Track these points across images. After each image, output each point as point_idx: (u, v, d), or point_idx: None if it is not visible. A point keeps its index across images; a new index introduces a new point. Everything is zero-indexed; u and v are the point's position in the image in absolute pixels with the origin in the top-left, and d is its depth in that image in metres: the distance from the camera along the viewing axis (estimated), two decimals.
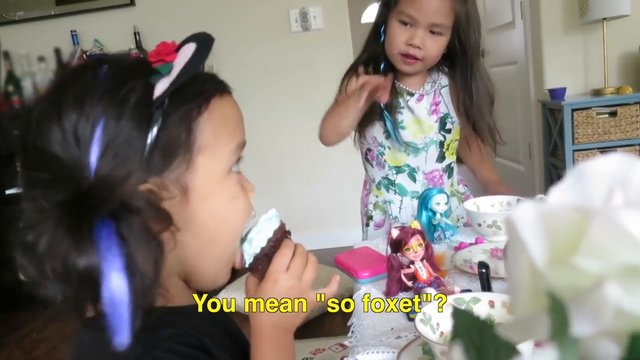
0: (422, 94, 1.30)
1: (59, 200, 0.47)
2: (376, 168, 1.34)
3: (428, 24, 1.16)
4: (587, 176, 0.22)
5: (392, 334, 0.79)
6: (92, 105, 0.48)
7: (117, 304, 0.44)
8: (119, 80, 0.50)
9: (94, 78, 0.50)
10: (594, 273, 0.18)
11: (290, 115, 2.92)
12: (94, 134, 0.47)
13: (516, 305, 0.21)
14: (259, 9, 2.89)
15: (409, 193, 1.32)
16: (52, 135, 0.48)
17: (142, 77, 0.51)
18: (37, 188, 0.49)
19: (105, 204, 0.46)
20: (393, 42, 1.20)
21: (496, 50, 3.53)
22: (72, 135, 0.48)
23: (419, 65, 1.22)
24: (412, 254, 0.92)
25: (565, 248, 0.21)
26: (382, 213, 1.36)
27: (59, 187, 0.47)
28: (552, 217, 0.22)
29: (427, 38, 1.17)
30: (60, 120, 0.48)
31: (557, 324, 0.17)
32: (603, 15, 2.46)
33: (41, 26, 3.00)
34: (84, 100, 0.48)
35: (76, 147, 0.48)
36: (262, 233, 0.60)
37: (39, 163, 0.49)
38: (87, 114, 0.48)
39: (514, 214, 0.21)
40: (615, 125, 2.52)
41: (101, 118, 0.48)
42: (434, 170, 1.32)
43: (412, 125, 1.28)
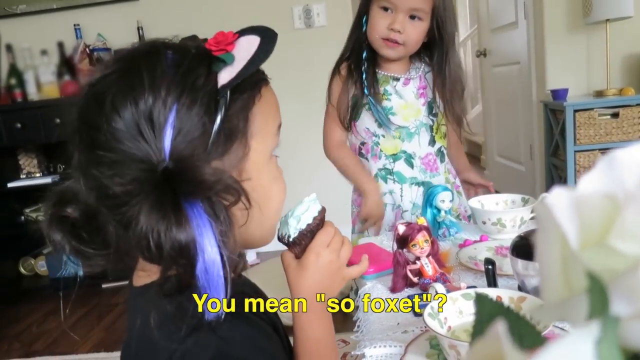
0: (408, 78, 1.33)
1: (140, 180, 0.49)
2: (372, 160, 1.35)
3: (407, 8, 1.20)
4: (619, 164, 0.23)
5: (398, 329, 0.80)
6: (168, 90, 0.50)
7: (211, 275, 0.48)
8: (188, 66, 0.52)
9: (164, 63, 0.52)
10: (632, 255, 0.18)
11: (293, 111, 2.92)
12: (168, 119, 0.49)
13: (547, 289, 0.22)
14: (262, 5, 2.89)
15: (408, 179, 1.33)
16: (125, 117, 0.50)
17: (206, 64, 0.53)
18: (104, 168, 0.50)
19: (185, 183, 0.49)
20: (375, 27, 1.24)
21: (499, 50, 3.53)
22: (147, 118, 0.49)
23: (400, 49, 1.25)
24: (418, 250, 0.92)
25: (597, 233, 0.22)
26: None
27: (132, 167, 0.49)
28: (583, 204, 0.22)
29: (407, 23, 1.21)
30: (137, 103, 0.50)
31: (596, 303, 0.17)
32: (606, 16, 2.46)
33: (44, 19, 3.00)
34: (160, 85, 0.50)
35: (151, 130, 0.49)
36: (309, 212, 0.65)
37: (111, 143, 0.50)
38: (163, 99, 0.50)
39: (548, 200, 0.21)
40: (617, 126, 2.52)
41: (175, 103, 0.50)
42: (428, 154, 1.34)
43: (402, 110, 1.31)
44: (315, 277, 0.65)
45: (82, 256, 0.56)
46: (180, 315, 0.49)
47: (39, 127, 2.72)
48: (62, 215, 0.55)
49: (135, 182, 0.49)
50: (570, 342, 0.16)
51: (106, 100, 0.50)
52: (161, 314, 0.51)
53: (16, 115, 2.73)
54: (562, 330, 0.67)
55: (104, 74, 0.53)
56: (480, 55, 3.82)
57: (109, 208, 0.52)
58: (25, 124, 2.72)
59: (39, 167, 3.01)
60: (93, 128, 0.51)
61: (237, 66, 0.53)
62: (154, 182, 0.49)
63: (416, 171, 1.33)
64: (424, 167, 1.33)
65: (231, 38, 0.55)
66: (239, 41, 0.55)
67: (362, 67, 1.28)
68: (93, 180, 0.52)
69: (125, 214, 0.50)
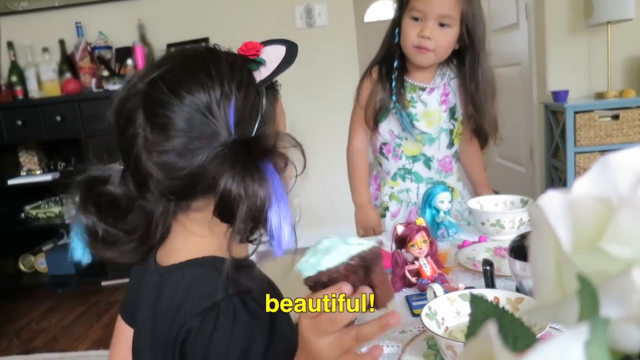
0: (432, 87, 1.38)
1: (217, 154, 0.58)
2: (392, 160, 1.42)
3: (436, 15, 1.25)
4: (613, 168, 0.23)
5: (396, 329, 0.80)
6: (230, 82, 0.61)
7: (286, 228, 0.57)
8: (240, 65, 0.64)
9: (224, 61, 0.63)
10: (624, 258, 0.19)
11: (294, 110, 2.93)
12: (231, 104, 0.60)
13: (540, 291, 0.22)
14: (264, 5, 2.89)
15: (424, 180, 1.41)
16: (198, 101, 0.59)
17: (246, 65, 0.65)
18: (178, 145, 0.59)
19: (255, 148, 0.59)
20: (407, 36, 1.30)
21: (500, 51, 3.53)
22: (217, 102, 0.60)
23: (431, 56, 1.30)
24: (417, 251, 0.93)
25: (590, 236, 0.22)
26: (397, 203, 1.44)
27: (205, 144, 0.59)
28: (577, 207, 0.23)
29: (437, 30, 1.26)
30: (207, 91, 0.60)
31: (587, 305, 0.18)
32: (608, 18, 2.46)
33: (45, 17, 3.00)
34: (224, 78, 0.61)
35: (219, 111, 0.59)
36: (339, 253, 0.50)
37: (184, 124, 0.59)
38: (228, 89, 0.60)
39: (542, 202, 0.22)
40: (617, 128, 2.52)
41: (235, 92, 0.61)
42: (445, 156, 1.42)
43: (426, 117, 1.37)
44: None
45: (108, 242, 0.63)
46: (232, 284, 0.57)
47: (40, 125, 2.72)
48: (95, 199, 0.63)
49: (213, 156, 0.58)
50: (560, 343, 0.17)
51: (178, 87, 0.59)
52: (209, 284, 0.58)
53: (17, 113, 2.73)
54: (559, 332, 0.67)
55: (165, 69, 0.61)
56: None
57: (178, 182, 0.59)
58: (25, 121, 2.72)
59: (39, 164, 3.02)
60: (165, 110, 0.59)
61: (269, 67, 0.65)
62: (231, 153, 0.58)
63: (433, 172, 1.41)
64: (440, 169, 1.42)
65: (259, 46, 0.67)
66: (265, 49, 0.68)
67: (393, 75, 1.34)
68: (161, 157, 0.59)
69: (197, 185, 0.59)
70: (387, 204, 1.44)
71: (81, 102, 2.69)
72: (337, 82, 2.92)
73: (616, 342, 0.20)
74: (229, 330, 0.56)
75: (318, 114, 2.96)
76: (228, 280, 0.57)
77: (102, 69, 2.83)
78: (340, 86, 2.86)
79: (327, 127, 2.90)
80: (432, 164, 1.40)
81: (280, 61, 0.66)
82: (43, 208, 3.01)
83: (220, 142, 0.59)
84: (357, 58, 2.96)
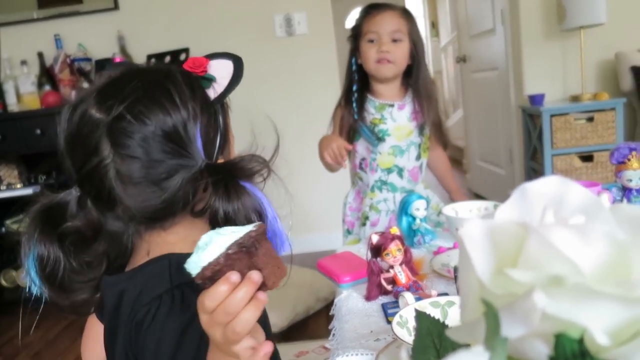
0: (403, 104, 1.52)
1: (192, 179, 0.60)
2: (370, 173, 1.55)
3: (389, 32, 1.44)
4: (529, 195, 0.25)
5: (371, 337, 0.82)
6: (193, 107, 0.62)
7: (278, 227, 0.62)
8: (194, 86, 0.65)
9: (179, 82, 0.63)
10: (525, 283, 0.21)
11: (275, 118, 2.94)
12: (197, 129, 0.62)
13: (464, 311, 0.24)
14: (243, 14, 2.91)
15: (399, 189, 1.54)
16: (164, 128, 0.60)
17: (199, 82, 0.66)
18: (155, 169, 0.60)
19: (232, 172, 0.61)
20: (368, 57, 1.47)
21: (477, 56, 3.59)
22: (183, 129, 0.61)
23: (392, 67, 1.46)
24: (392, 259, 0.95)
25: (510, 259, 0.24)
26: (376, 213, 1.55)
27: (183, 167, 0.60)
28: (498, 231, 0.25)
29: (391, 45, 1.44)
30: (171, 116, 0.60)
31: (490, 326, 0.20)
32: (580, 23, 2.52)
33: (24, 30, 2.98)
34: (187, 102, 0.62)
35: (187, 137, 0.61)
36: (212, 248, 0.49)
37: (153, 154, 0.60)
38: (193, 113, 0.62)
39: (463, 231, 0.24)
40: (592, 130, 2.59)
41: (198, 116, 0.63)
42: (414, 167, 1.55)
43: (396, 132, 1.52)
44: None
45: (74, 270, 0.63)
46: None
47: (20, 138, 2.70)
48: (56, 231, 0.62)
49: (187, 180, 0.60)
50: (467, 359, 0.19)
51: (145, 118, 0.59)
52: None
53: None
54: None
55: (127, 99, 0.60)
56: (460, 61, 3.88)
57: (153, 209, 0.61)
58: (5, 135, 2.70)
59: (20, 178, 2.99)
60: (134, 141, 0.59)
61: (220, 84, 0.67)
62: (208, 175, 0.60)
63: (405, 181, 1.54)
64: (410, 178, 1.55)
65: (205, 62, 0.68)
66: (211, 64, 0.69)
67: (353, 97, 1.51)
68: (136, 188, 0.60)
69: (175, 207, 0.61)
70: (367, 214, 1.56)
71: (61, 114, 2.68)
72: (317, 90, 2.94)
73: (527, 356, 0.22)
74: (163, 320, 0.57)
75: (299, 121, 2.98)
76: (172, 273, 0.60)
77: (82, 80, 2.82)
78: (321, 93, 2.89)
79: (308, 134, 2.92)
80: (404, 173, 1.54)
81: (231, 77, 0.68)
82: (24, 222, 2.98)
83: (192, 166, 0.61)
84: (337, 66, 2.99)
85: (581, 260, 0.21)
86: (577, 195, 0.24)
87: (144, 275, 0.63)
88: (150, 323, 0.58)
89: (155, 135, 0.59)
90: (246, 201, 0.60)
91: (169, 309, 0.58)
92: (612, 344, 0.20)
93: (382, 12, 1.46)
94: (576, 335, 0.20)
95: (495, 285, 0.23)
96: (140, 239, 0.66)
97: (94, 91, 0.63)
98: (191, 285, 0.56)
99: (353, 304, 0.95)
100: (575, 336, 0.20)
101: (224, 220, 0.59)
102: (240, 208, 0.59)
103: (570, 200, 0.24)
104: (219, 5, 2.92)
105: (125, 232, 0.64)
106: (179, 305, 0.58)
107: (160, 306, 0.58)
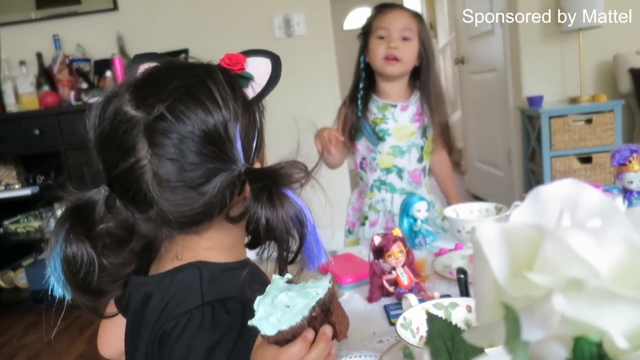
0: (406, 105, 1.52)
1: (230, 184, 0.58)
2: (369, 173, 1.55)
3: (399, 29, 1.45)
4: (543, 198, 0.25)
5: (374, 338, 0.82)
6: (234, 107, 0.60)
7: (317, 237, 0.60)
8: (234, 84, 0.62)
9: (220, 80, 0.60)
10: (544, 286, 0.21)
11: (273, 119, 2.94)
12: (237, 129, 0.59)
13: (480, 313, 0.24)
14: (242, 15, 2.91)
15: (398, 190, 1.54)
16: (205, 128, 0.57)
17: (239, 82, 0.63)
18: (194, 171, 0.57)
19: (271, 176, 0.59)
20: (376, 53, 1.47)
21: (476, 58, 3.60)
22: (224, 129, 0.58)
23: (399, 66, 1.46)
24: (394, 261, 0.95)
25: (525, 262, 0.24)
26: (375, 213, 1.55)
27: (222, 171, 0.58)
28: (513, 235, 0.25)
29: (400, 43, 1.45)
30: (213, 117, 0.58)
31: (510, 330, 0.20)
32: (579, 25, 2.53)
33: (22, 30, 2.98)
34: (228, 102, 0.59)
35: (228, 139, 0.58)
36: (298, 305, 0.49)
37: (199, 154, 0.57)
38: (234, 113, 0.59)
39: (479, 233, 0.24)
40: (590, 132, 2.59)
41: (240, 117, 0.60)
42: (415, 169, 1.54)
43: (396, 132, 1.52)
44: None
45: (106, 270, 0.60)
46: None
47: (18, 139, 2.69)
48: (94, 232, 0.59)
49: (226, 184, 0.58)
50: None
51: (186, 118, 0.56)
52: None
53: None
54: None
55: (167, 97, 0.56)
56: (459, 62, 3.89)
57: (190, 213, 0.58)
58: (3, 136, 2.69)
59: (18, 178, 2.98)
60: (173, 142, 0.56)
61: (258, 83, 0.64)
62: (248, 180, 0.58)
63: (404, 183, 1.54)
64: (411, 180, 1.54)
65: (243, 59, 0.65)
66: (249, 61, 0.66)
67: (358, 95, 1.51)
68: (174, 192, 0.57)
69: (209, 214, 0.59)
70: (367, 214, 1.56)
71: (60, 115, 2.68)
72: (316, 91, 2.94)
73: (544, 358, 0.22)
74: (193, 336, 0.56)
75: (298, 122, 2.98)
76: (204, 288, 0.59)
77: (81, 81, 2.81)
78: (320, 95, 2.89)
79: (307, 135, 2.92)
80: (404, 174, 1.53)
81: (270, 76, 0.65)
82: (22, 222, 2.97)
83: (232, 169, 0.58)
84: (336, 67, 2.99)
85: (599, 263, 0.21)
86: (592, 198, 0.24)
87: (173, 282, 0.61)
88: (178, 337, 0.56)
89: (194, 136, 0.56)
90: (289, 209, 0.58)
91: (198, 327, 0.56)
92: (631, 347, 0.20)
93: (394, 10, 1.49)
94: (595, 339, 0.20)
95: (512, 287, 0.23)
96: (170, 241, 0.64)
97: (130, 86, 0.59)
98: (223, 302, 0.58)
99: (355, 305, 0.95)
100: (595, 339, 0.20)
101: (265, 228, 0.57)
102: (283, 216, 0.57)
103: (586, 203, 0.24)
104: (218, 6, 2.92)
105: (157, 235, 0.62)
106: (209, 324, 0.57)
107: (189, 321, 0.56)
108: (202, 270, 0.61)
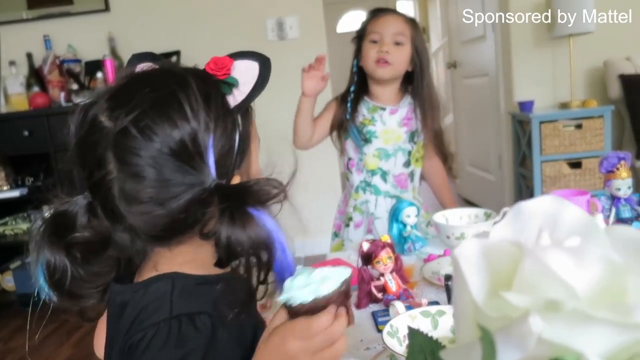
0: (395, 108, 1.52)
1: (199, 200, 0.55)
2: (355, 174, 1.56)
3: (392, 34, 1.45)
4: (524, 214, 0.25)
5: (362, 346, 0.81)
6: (206, 121, 0.56)
7: (288, 261, 0.57)
8: (209, 93, 0.58)
9: (192, 90, 0.57)
10: (521, 307, 0.20)
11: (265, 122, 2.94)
12: (209, 142, 0.56)
13: (458, 332, 0.24)
14: (235, 17, 2.91)
15: (382, 192, 1.53)
16: (171, 144, 0.54)
17: (217, 88, 0.60)
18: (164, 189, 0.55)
19: (239, 194, 0.56)
20: (368, 56, 1.48)
21: (468, 62, 3.61)
22: (192, 144, 0.55)
23: (389, 69, 1.47)
24: (382, 267, 0.95)
25: (505, 277, 0.24)
26: (360, 214, 1.55)
27: (186, 190, 0.55)
28: (493, 251, 0.25)
29: (392, 47, 1.45)
30: (179, 131, 0.55)
31: (486, 351, 0.19)
32: (569, 31, 2.55)
33: (13, 30, 2.95)
34: (199, 114, 0.56)
35: (197, 154, 0.55)
36: (328, 282, 0.54)
37: (161, 171, 0.55)
38: (204, 126, 0.56)
39: (458, 250, 0.23)
40: (580, 137, 2.61)
41: (211, 130, 0.56)
42: (401, 173, 1.54)
43: (383, 134, 1.52)
44: None
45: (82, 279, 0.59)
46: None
47: (7, 140, 2.67)
48: (65, 240, 0.58)
49: (194, 200, 0.55)
50: None
51: (152, 134, 0.54)
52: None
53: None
54: None
55: (134, 110, 0.54)
56: (451, 66, 3.90)
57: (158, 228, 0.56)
58: None
59: (7, 180, 2.95)
60: (139, 159, 0.54)
61: (243, 89, 0.60)
62: (216, 197, 0.55)
63: (388, 186, 1.53)
64: (395, 184, 1.53)
65: (229, 63, 0.62)
66: (236, 65, 0.62)
67: (349, 97, 1.53)
68: (140, 207, 0.55)
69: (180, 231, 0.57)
70: (351, 215, 1.56)
71: (50, 116, 2.65)
72: None
73: None
74: (157, 351, 0.54)
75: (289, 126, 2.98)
76: (174, 300, 0.57)
77: (72, 82, 2.79)
78: None
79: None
80: (388, 177, 1.53)
81: (255, 81, 0.61)
82: (10, 225, 2.94)
83: (201, 185, 0.56)
84: (328, 70, 2.99)
85: (577, 283, 0.21)
86: (572, 215, 0.24)
87: (147, 293, 0.59)
88: (143, 351, 0.55)
89: (162, 153, 0.54)
90: (251, 232, 0.55)
91: (163, 342, 0.54)
92: None
93: (387, 15, 1.50)
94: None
95: (490, 307, 0.22)
96: (151, 250, 0.63)
97: (108, 92, 0.58)
98: (191, 317, 0.56)
99: None
100: None
101: (225, 248, 0.55)
102: (244, 237, 0.55)
103: (566, 220, 0.24)
104: (210, 8, 2.91)
105: (132, 245, 0.60)
106: (175, 339, 0.55)
107: (155, 335, 0.55)
108: (175, 282, 0.59)
